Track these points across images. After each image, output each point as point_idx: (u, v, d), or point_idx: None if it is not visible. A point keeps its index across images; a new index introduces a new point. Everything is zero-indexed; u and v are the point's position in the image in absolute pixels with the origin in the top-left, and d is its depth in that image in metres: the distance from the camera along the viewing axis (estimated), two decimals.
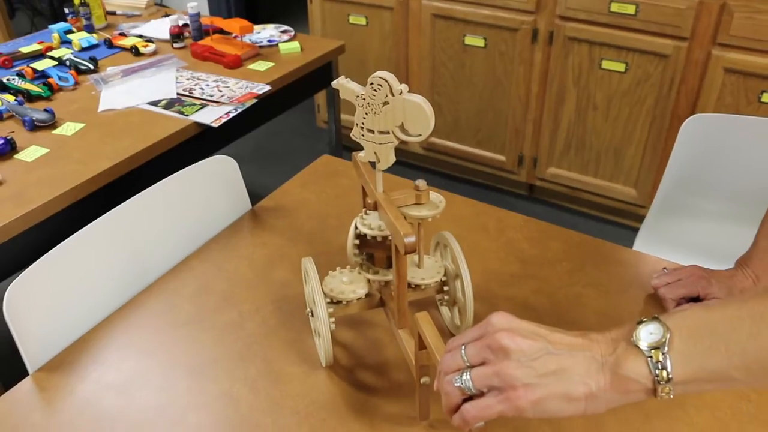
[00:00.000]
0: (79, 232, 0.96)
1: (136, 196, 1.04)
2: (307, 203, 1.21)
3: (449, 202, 1.26)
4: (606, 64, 2.19)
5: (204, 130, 1.58)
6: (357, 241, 0.83)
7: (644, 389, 0.55)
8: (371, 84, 0.71)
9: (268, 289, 1.01)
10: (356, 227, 0.82)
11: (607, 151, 2.35)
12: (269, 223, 1.16)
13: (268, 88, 1.72)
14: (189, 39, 2.04)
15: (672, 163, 1.39)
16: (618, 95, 2.23)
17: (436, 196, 0.81)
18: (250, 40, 2.01)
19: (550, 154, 2.47)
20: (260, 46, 1.99)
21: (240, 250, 1.09)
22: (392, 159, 0.75)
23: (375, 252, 0.83)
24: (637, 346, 0.55)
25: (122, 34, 2.08)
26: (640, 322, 0.56)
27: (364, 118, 0.74)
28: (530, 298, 0.98)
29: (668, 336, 0.54)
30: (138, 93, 1.69)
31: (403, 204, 0.79)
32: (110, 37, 2.03)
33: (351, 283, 0.84)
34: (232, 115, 1.58)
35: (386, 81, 0.69)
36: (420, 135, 0.70)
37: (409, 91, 0.69)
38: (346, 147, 2.34)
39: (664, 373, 0.53)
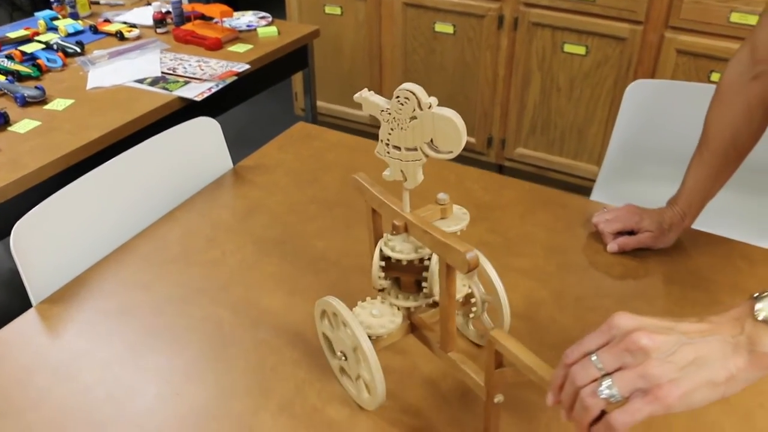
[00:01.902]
0: (77, 180, 1.06)
1: (128, 150, 1.14)
2: (284, 162, 1.31)
3: None
4: (568, 48, 2.32)
5: (187, 106, 1.68)
6: (383, 266, 0.78)
7: None
8: (397, 97, 0.66)
9: (248, 232, 1.11)
10: (381, 251, 0.77)
11: (570, 130, 2.48)
12: (249, 179, 1.26)
13: (247, 66, 1.82)
14: (171, 25, 2.13)
15: (617, 127, 1.51)
16: (580, 77, 2.36)
17: (459, 209, 0.78)
18: (230, 25, 2.11)
19: (517, 135, 2.60)
20: (239, 31, 2.09)
21: (223, 201, 1.20)
22: (420, 177, 0.69)
23: (402, 276, 0.79)
24: (765, 322, 0.56)
25: (107, 21, 2.17)
26: (756, 298, 0.57)
27: (390, 133, 0.69)
28: (484, 235, 1.10)
29: None
30: (124, 72, 1.78)
31: (430, 220, 0.74)
32: (95, 23, 2.12)
33: (382, 316, 0.79)
34: (213, 90, 1.69)
35: (414, 94, 0.64)
36: (451, 152, 0.65)
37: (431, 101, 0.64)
38: None
39: None
